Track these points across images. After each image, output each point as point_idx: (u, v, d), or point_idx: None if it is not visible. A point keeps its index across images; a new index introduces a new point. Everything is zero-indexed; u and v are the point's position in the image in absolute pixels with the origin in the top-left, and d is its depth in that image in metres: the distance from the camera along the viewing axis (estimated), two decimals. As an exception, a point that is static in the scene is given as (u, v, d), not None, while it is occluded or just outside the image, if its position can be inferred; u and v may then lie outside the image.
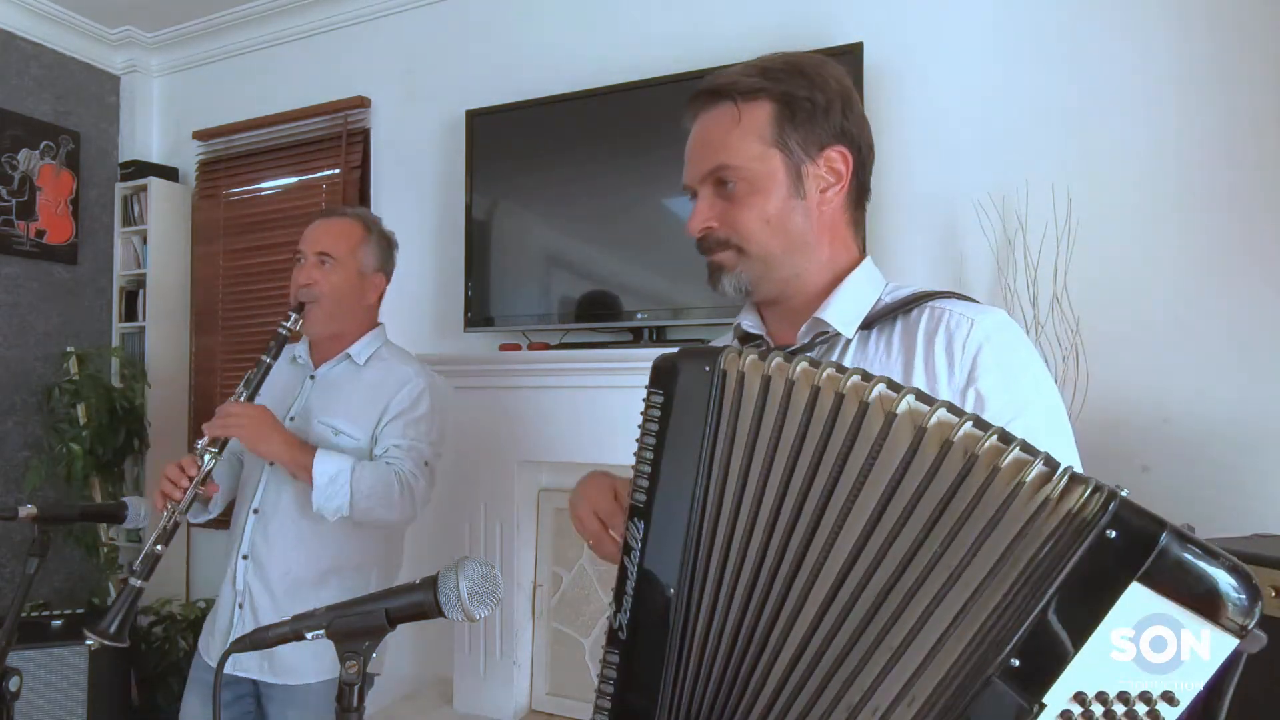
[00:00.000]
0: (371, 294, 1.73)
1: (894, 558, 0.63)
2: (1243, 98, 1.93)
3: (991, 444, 0.60)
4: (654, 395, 0.75)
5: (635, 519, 0.74)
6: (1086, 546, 0.56)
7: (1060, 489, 0.58)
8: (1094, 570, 0.56)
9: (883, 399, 0.65)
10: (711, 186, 0.88)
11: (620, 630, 0.73)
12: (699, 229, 0.89)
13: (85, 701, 2.40)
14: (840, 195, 0.88)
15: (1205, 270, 1.94)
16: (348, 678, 0.71)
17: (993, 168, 2.13)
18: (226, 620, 1.61)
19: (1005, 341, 0.82)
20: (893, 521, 0.63)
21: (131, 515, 1.44)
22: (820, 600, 0.66)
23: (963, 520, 0.60)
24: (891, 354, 0.85)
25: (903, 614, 0.62)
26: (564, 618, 2.57)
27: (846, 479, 0.65)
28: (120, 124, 3.61)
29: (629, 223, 2.46)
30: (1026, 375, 0.82)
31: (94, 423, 3.14)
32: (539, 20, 2.78)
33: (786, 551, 0.68)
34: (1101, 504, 0.57)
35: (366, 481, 1.53)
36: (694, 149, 0.90)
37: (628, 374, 2.33)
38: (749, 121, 0.85)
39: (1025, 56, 2.13)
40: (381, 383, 1.67)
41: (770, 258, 0.87)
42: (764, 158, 0.85)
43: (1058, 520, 0.57)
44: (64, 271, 3.37)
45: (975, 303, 0.86)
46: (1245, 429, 1.86)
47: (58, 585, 3.27)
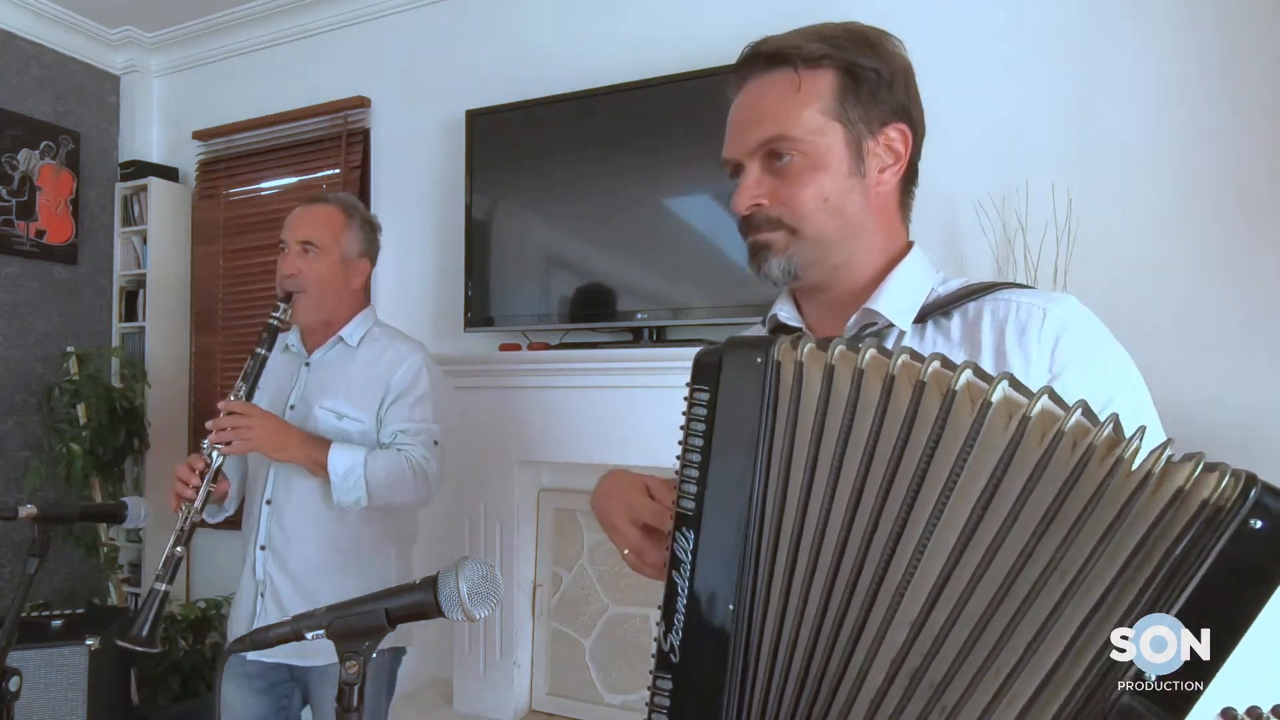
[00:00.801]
0: (357, 279, 1.73)
1: (1001, 566, 0.56)
2: (1244, 97, 1.93)
3: (1108, 435, 0.54)
4: (698, 392, 0.68)
5: (684, 529, 0.67)
6: (1227, 539, 0.49)
7: (1194, 478, 0.51)
8: (1239, 567, 0.49)
9: (971, 387, 0.58)
10: (761, 160, 0.80)
11: (672, 652, 0.67)
12: (747, 205, 0.80)
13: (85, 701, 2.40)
14: (897, 177, 0.82)
15: (1206, 270, 1.94)
16: (347, 678, 0.71)
17: (993, 168, 2.13)
18: (249, 610, 1.64)
19: (1083, 330, 0.76)
20: (997, 525, 0.56)
21: (131, 515, 1.44)
22: (913, 617, 0.58)
23: (1083, 520, 0.53)
24: (953, 349, 0.79)
25: (1016, 631, 0.55)
26: (564, 618, 2.56)
27: (935, 478, 0.58)
28: (120, 124, 3.61)
29: (629, 223, 2.46)
30: (1109, 364, 0.76)
31: (94, 423, 3.14)
32: (539, 20, 2.78)
33: (866, 561, 0.61)
34: (1241, 491, 0.50)
35: (381, 472, 1.56)
36: (743, 117, 0.81)
37: (628, 374, 2.33)
38: (810, 91, 0.78)
39: (1026, 56, 2.13)
40: (377, 362, 1.68)
41: (825, 241, 0.80)
42: (825, 131, 0.78)
43: (1191, 512, 0.51)
44: (64, 271, 3.37)
45: (1038, 290, 0.80)
46: (1248, 429, 1.86)
47: (58, 585, 3.27)
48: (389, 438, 1.63)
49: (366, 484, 1.54)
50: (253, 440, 1.50)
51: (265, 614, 1.61)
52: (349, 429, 1.62)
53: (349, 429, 1.62)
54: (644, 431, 2.20)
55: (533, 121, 2.64)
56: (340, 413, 1.63)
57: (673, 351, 2.26)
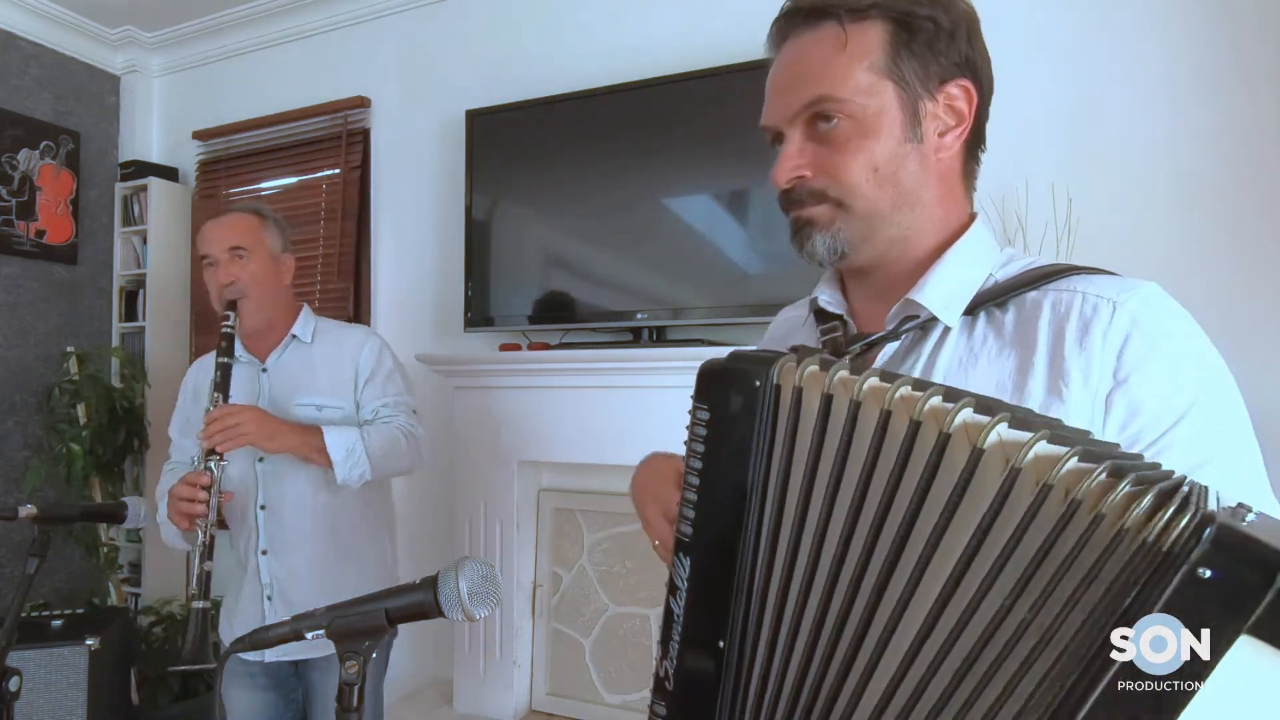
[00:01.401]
0: (287, 275, 1.77)
1: (982, 619, 0.52)
2: (1242, 97, 1.93)
3: (1101, 481, 0.48)
4: (699, 410, 0.64)
5: (680, 554, 0.64)
6: (1173, 589, 0.43)
7: (1142, 513, 0.45)
8: (1185, 622, 0.43)
9: (968, 428, 0.53)
10: (804, 126, 0.72)
11: (667, 679, 0.65)
12: (788, 178, 0.72)
13: (85, 701, 2.40)
14: (960, 140, 0.73)
15: (1205, 269, 1.94)
16: (348, 678, 0.71)
17: (993, 168, 2.11)
18: (256, 616, 1.64)
19: (1159, 326, 0.65)
20: (980, 578, 0.52)
21: (131, 515, 1.45)
22: (898, 662, 0.55)
23: (1061, 574, 0.49)
24: (1003, 350, 0.69)
25: (993, 679, 0.52)
26: (564, 618, 2.57)
27: (924, 524, 0.54)
28: (120, 124, 3.61)
29: (629, 223, 2.46)
30: (1188, 371, 0.65)
31: (94, 423, 3.14)
32: (539, 20, 2.79)
33: (854, 603, 0.57)
34: (1193, 531, 0.43)
35: (378, 444, 1.62)
36: (784, 78, 0.73)
37: (628, 374, 2.33)
38: (858, 46, 0.69)
39: (1025, 56, 2.13)
40: (338, 352, 1.73)
41: (877, 214, 0.71)
42: (875, 91, 0.69)
43: (1130, 554, 0.45)
44: (64, 271, 3.37)
45: (1116, 276, 0.71)
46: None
47: (58, 585, 3.27)
48: (371, 414, 1.70)
49: (369, 457, 1.60)
50: (246, 434, 1.51)
51: (277, 616, 1.62)
52: (331, 418, 1.66)
53: (331, 418, 1.66)
54: (644, 431, 2.20)
55: (533, 121, 2.64)
56: (320, 405, 1.67)
57: (672, 351, 2.26)
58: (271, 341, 1.72)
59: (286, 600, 1.63)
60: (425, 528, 2.91)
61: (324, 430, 1.58)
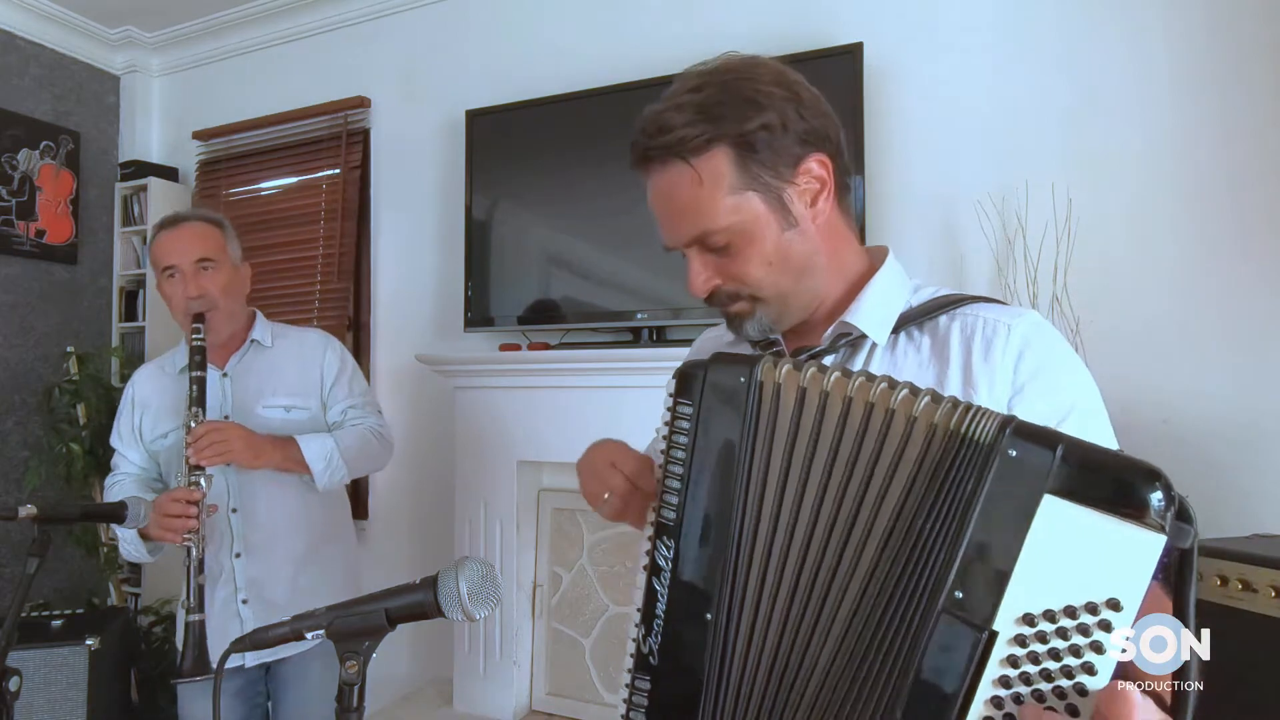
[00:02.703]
0: (248, 283, 1.77)
1: (886, 548, 0.64)
2: (1241, 97, 1.93)
3: (927, 403, 0.63)
4: (681, 405, 0.71)
5: (664, 537, 0.71)
6: (995, 471, 0.58)
7: (957, 417, 0.61)
8: (1007, 492, 0.58)
9: (902, 404, 0.64)
10: (699, 248, 0.82)
11: (651, 655, 0.70)
12: (704, 290, 0.83)
13: (85, 701, 2.39)
14: (829, 199, 0.82)
15: (1205, 270, 1.94)
16: (347, 678, 0.71)
17: (993, 168, 2.13)
18: (231, 620, 1.62)
19: (1044, 347, 0.79)
20: (887, 516, 0.64)
21: (131, 515, 1.44)
22: (842, 613, 0.65)
23: (895, 462, 0.64)
24: (923, 362, 0.82)
25: (893, 603, 0.63)
26: (564, 618, 2.57)
27: (874, 490, 0.65)
28: (120, 124, 3.61)
29: (629, 223, 2.46)
30: (1067, 381, 0.79)
31: (94, 423, 3.14)
32: (539, 20, 2.79)
33: (820, 570, 0.66)
34: (999, 426, 0.59)
35: (352, 448, 1.67)
36: (663, 215, 0.84)
37: (627, 374, 2.33)
38: (711, 178, 0.78)
39: (1025, 57, 2.13)
40: (299, 354, 1.74)
41: (785, 294, 0.82)
42: (741, 207, 0.78)
43: (952, 445, 0.61)
44: (64, 271, 3.37)
45: (1004, 305, 0.83)
46: (1245, 429, 1.86)
47: (58, 585, 3.27)
48: (339, 415, 1.73)
49: (345, 462, 1.65)
50: (232, 451, 1.53)
51: (255, 619, 1.61)
52: (299, 419, 1.69)
53: (299, 419, 1.69)
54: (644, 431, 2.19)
55: (533, 121, 2.64)
56: (288, 405, 1.69)
57: (672, 351, 2.27)
58: (229, 348, 1.72)
59: (263, 600, 1.63)
60: (425, 528, 2.91)
61: (300, 441, 1.62)
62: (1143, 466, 0.55)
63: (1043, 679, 0.55)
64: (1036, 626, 0.55)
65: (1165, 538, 0.53)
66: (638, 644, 0.71)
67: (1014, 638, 0.56)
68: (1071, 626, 0.55)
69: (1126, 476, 0.55)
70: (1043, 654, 0.55)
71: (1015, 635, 0.56)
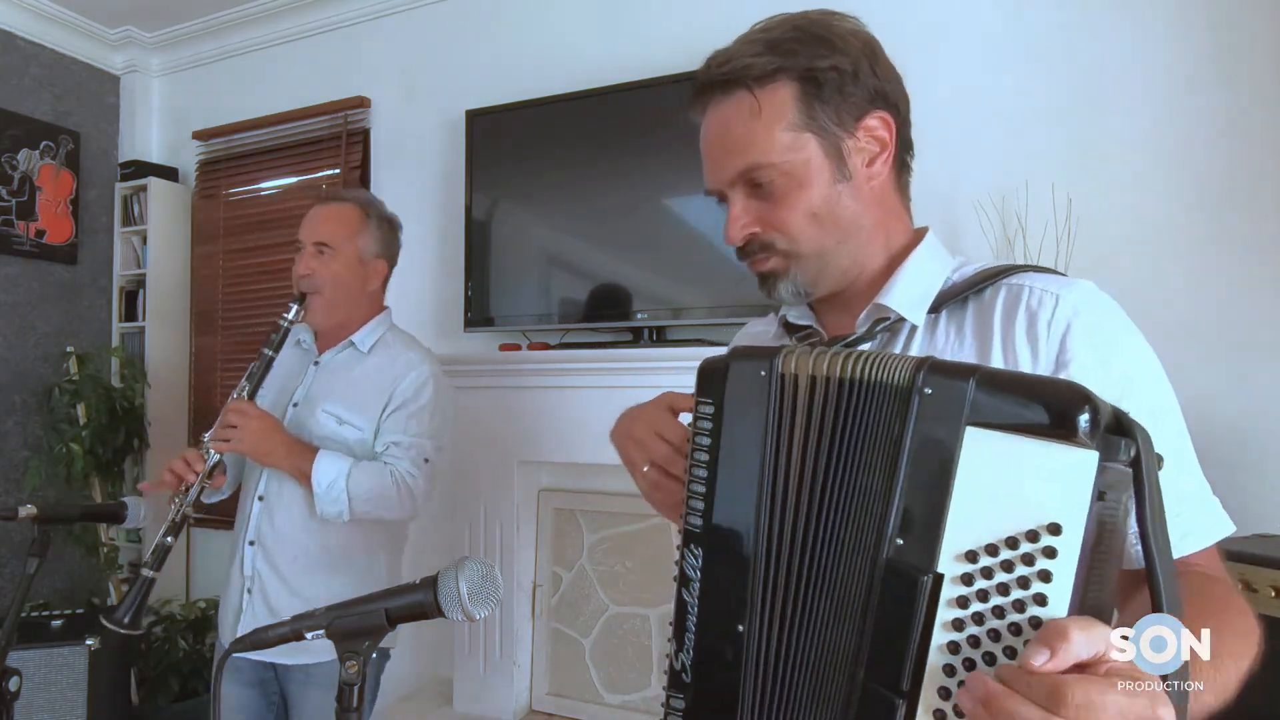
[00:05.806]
0: (374, 280, 1.71)
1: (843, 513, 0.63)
2: (1243, 96, 1.93)
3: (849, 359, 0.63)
4: (703, 405, 0.68)
5: (692, 545, 0.67)
6: (916, 412, 0.57)
7: (873, 368, 0.61)
8: (930, 431, 0.57)
9: (838, 369, 0.63)
10: (744, 188, 0.78)
11: (684, 671, 0.66)
12: (740, 237, 0.79)
13: (85, 701, 2.40)
14: (887, 165, 0.78)
15: (1205, 270, 1.94)
16: (348, 678, 0.71)
17: (993, 168, 2.13)
18: (236, 604, 1.62)
19: (1097, 316, 0.73)
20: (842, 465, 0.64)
21: (131, 515, 1.44)
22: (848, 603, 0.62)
23: (857, 430, 0.63)
24: (964, 341, 0.76)
25: (848, 565, 0.62)
26: (564, 618, 2.56)
27: (839, 462, 0.63)
28: (120, 124, 3.61)
29: (629, 223, 2.46)
30: (1124, 352, 0.72)
31: (94, 423, 3.14)
32: (539, 20, 2.79)
33: (826, 558, 0.63)
34: (914, 367, 0.58)
35: (364, 485, 1.53)
36: (713, 150, 0.80)
37: (628, 374, 2.33)
38: (772, 109, 0.74)
39: (1025, 56, 2.13)
40: (385, 369, 1.65)
41: (825, 253, 0.78)
42: (798, 146, 0.75)
43: (885, 397, 0.60)
44: (64, 271, 3.37)
45: (1059, 275, 0.77)
46: (1245, 429, 1.86)
47: (58, 585, 3.27)
48: (381, 448, 1.61)
49: (349, 498, 1.52)
50: (241, 444, 1.50)
51: (253, 610, 1.60)
52: (347, 435, 1.61)
53: (347, 435, 1.61)
54: (644, 431, 2.20)
55: (533, 121, 2.64)
56: (341, 418, 1.61)
57: (673, 351, 2.26)
58: (336, 339, 1.68)
59: (264, 596, 1.60)
60: (426, 528, 2.91)
61: (317, 456, 1.53)
62: (1064, 385, 0.53)
63: (995, 616, 0.52)
64: (980, 562, 0.53)
65: (1097, 453, 0.51)
66: (670, 659, 0.68)
67: (959, 576, 0.54)
68: (1015, 557, 0.52)
69: (1048, 398, 0.53)
70: (991, 589, 0.53)
71: (961, 574, 0.54)
